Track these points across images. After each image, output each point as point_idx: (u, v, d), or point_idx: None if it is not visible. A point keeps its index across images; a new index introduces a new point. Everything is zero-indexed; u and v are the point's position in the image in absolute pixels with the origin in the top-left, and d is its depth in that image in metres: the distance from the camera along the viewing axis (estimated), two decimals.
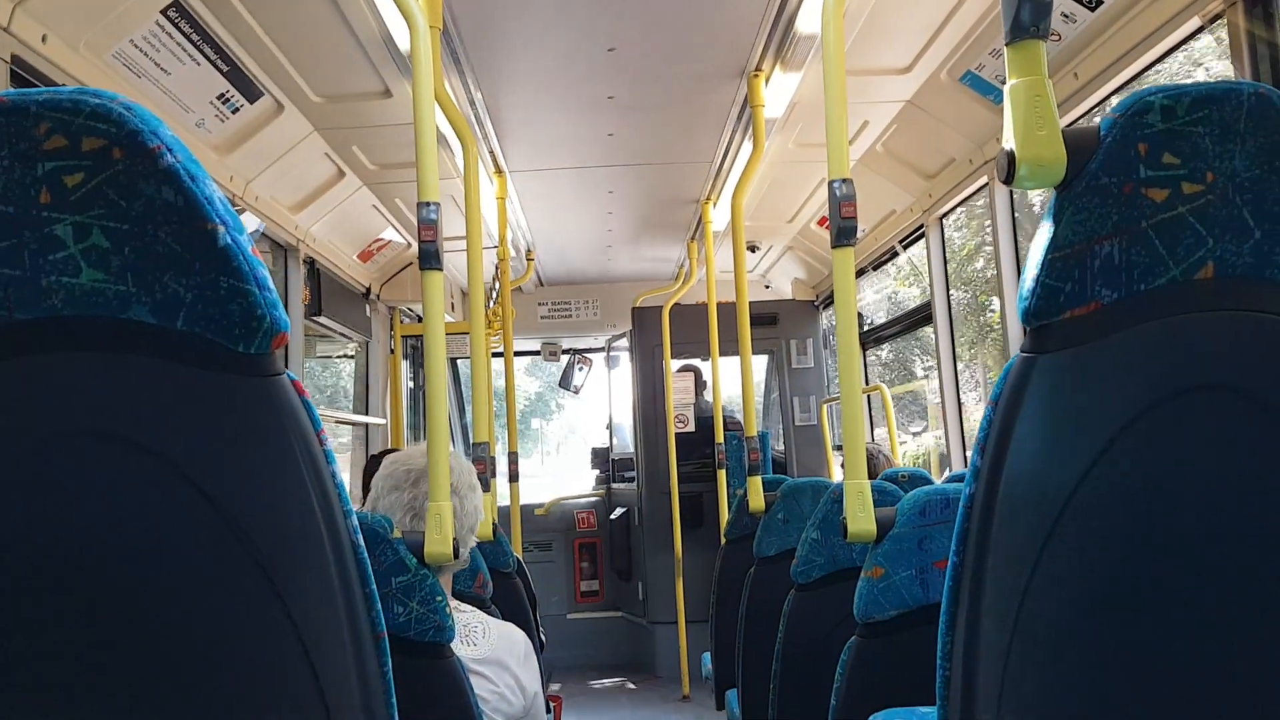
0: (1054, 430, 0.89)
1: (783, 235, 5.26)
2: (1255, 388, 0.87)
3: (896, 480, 2.78)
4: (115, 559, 0.81)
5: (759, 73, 3.08)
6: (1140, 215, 0.88)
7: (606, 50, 2.91)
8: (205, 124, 2.82)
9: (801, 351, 5.74)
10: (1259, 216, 0.88)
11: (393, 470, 1.76)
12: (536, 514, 6.10)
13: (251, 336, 0.83)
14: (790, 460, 5.66)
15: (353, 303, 4.80)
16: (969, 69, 2.97)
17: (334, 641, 0.85)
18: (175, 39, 2.43)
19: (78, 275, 0.81)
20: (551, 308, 6.38)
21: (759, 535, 2.90)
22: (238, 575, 0.82)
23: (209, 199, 0.81)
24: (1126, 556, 0.87)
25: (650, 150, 3.91)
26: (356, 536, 0.88)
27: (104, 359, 0.82)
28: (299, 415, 0.84)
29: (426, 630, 1.43)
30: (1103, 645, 0.88)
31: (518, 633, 1.79)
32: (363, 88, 3.05)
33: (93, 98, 0.80)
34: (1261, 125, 0.88)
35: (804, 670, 2.16)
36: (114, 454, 0.81)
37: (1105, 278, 0.88)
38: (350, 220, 4.22)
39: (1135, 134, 0.88)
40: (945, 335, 3.89)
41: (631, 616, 6.01)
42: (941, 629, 0.94)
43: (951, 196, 3.61)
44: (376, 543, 1.43)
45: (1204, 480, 0.88)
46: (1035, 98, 0.92)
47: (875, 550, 1.63)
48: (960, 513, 0.92)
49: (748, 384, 3.31)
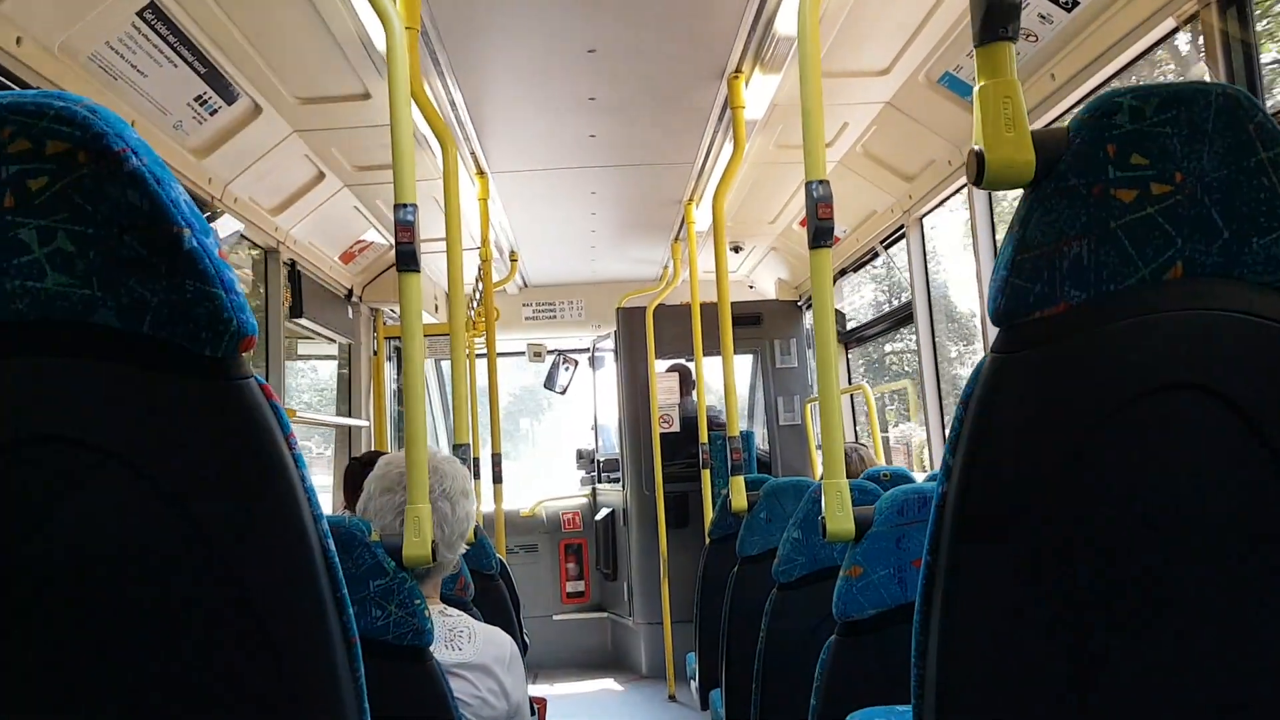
0: (1025, 429, 0.89)
1: (765, 236, 5.27)
2: (1225, 387, 0.87)
3: (878, 479, 2.78)
4: (80, 566, 0.81)
5: (739, 74, 3.09)
6: (1109, 216, 0.89)
7: (587, 51, 2.91)
8: (183, 126, 2.81)
9: (785, 351, 5.75)
10: (1227, 216, 0.89)
11: (385, 472, 1.76)
12: (522, 515, 6.09)
13: (219, 340, 0.82)
14: (775, 459, 5.67)
15: (335, 304, 4.78)
16: (947, 70, 2.98)
17: (304, 647, 0.85)
18: (152, 41, 2.41)
19: (42, 279, 0.80)
20: (536, 309, 6.38)
21: (742, 535, 2.90)
22: (204, 581, 0.82)
23: (175, 202, 0.80)
24: (1098, 554, 0.88)
25: (632, 151, 3.91)
26: (327, 541, 0.87)
27: (69, 364, 0.81)
28: (267, 419, 0.84)
29: (405, 634, 1.43)
30: (1076, 642, 0.88)
31: (504, 637, 1.78)
32: (341, 89, 3.04)
33: (57, 101, 0.79)
34: (1229, 126, 0.89)
35: (785, 669, 2.16)
36: (79, 460, 0.80)
37: (1074, 278, 0.89)
38: (331, 222, 4.21)
39: (1103, 135, 0.88)
40: (926, 335, 3.90)
41: (617, 617, 6.01)
42: (915, 627, 0.94)
43: (931, 197, 3.63)
44: (354, 546, 1.42)
45: (1175, 478, 0.88)
46: (1004, 99, 0.92)
47: (854, 549, 1.64)
48: (932, 511, 0.93)
49: (730, 384, 3.32)
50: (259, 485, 0.83)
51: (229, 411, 0.83)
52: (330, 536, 0.87)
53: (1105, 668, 0.88)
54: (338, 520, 1.41)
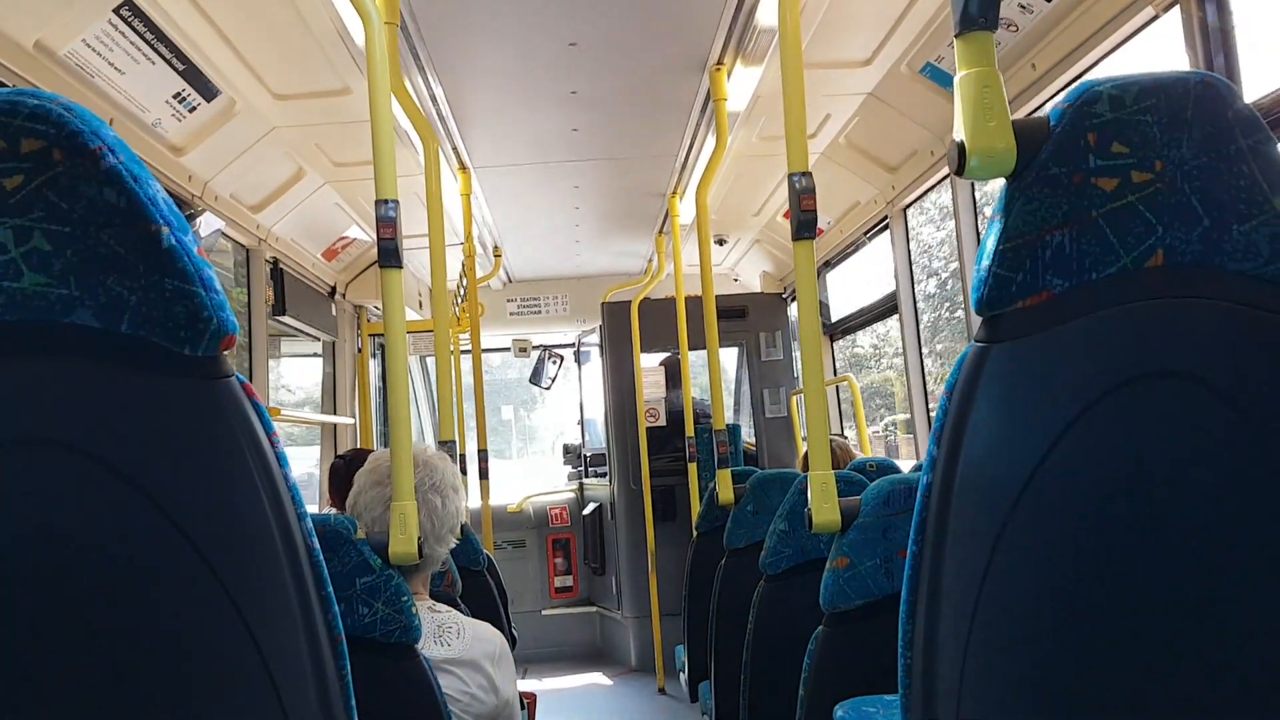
0: (1009, 419, 0.89)
1: (750, 228, 5.27)
2: (1206, 373, 0.88)
3: (865, 470, 2.79)
4: (62, 568, 0.80)
5: (720, 66, 3.08)
6: (1090, 204, 0.89)
7: (568, 45, 2.90)
8: (161, 124, 2.79)
9: (771, 344, 5.76)
10: (1207, 204, 0.89)
11: (375, 466, 1.77)
12: (509, 511, 6.09)
13: (198, 339, 0.82)
14: (761, 452, 5.68)
15: (318, 302, 4.76)
16: (929, 61, 2.98)
17: (290, 645, 0.84)
18: (129, 38, 2.39)
19: (19, 279, 0.80)
20: (521, 304, 6.37)
21: (729, 527, 2.91)
22: (189, 581, 0.81)
23: (152, 200, 0.80)
24: (1082, 543, 0.88)
25: (615, 145, 3.90)
26: (312, 539, 0.87)
27: (47, 364, 0.80)
28: (249, 418, 0.83)
29: (392, 631, 1.42)
30: (1061, 631, 0.89)
31: (493, 632, 1.78)
32: (321, 85, 3.02)
33: (31, 99, 0.78)
34: (1208, 113, 0.89)
35: (773, 660, 2.16)
36: (59, 461, 0.79)
37: (1056, 267, 0.89)
38: (313, 219, 4.19)
39: (1084, 124, 0.88)
40: (910, 326, 3.91)
41: (606, 611, 6.02)
42: (902, 617, 0.94)
43: (914, 188, 3.63)
44: (340, 544, 1.42)
45: (1158, 466, 0.88)
46: (985, 89, 0.92)
47: (840, 540, 1.64)
48: (918, 502, 0.93)
49: (715, 377, 3.32)
50: (240, 484, 0.82)
51: (210, 411, 0.82)
52: (314, 535, 0.87)
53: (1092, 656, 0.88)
54: (323, 519, 1.41)
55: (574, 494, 6.33)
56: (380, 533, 1.51)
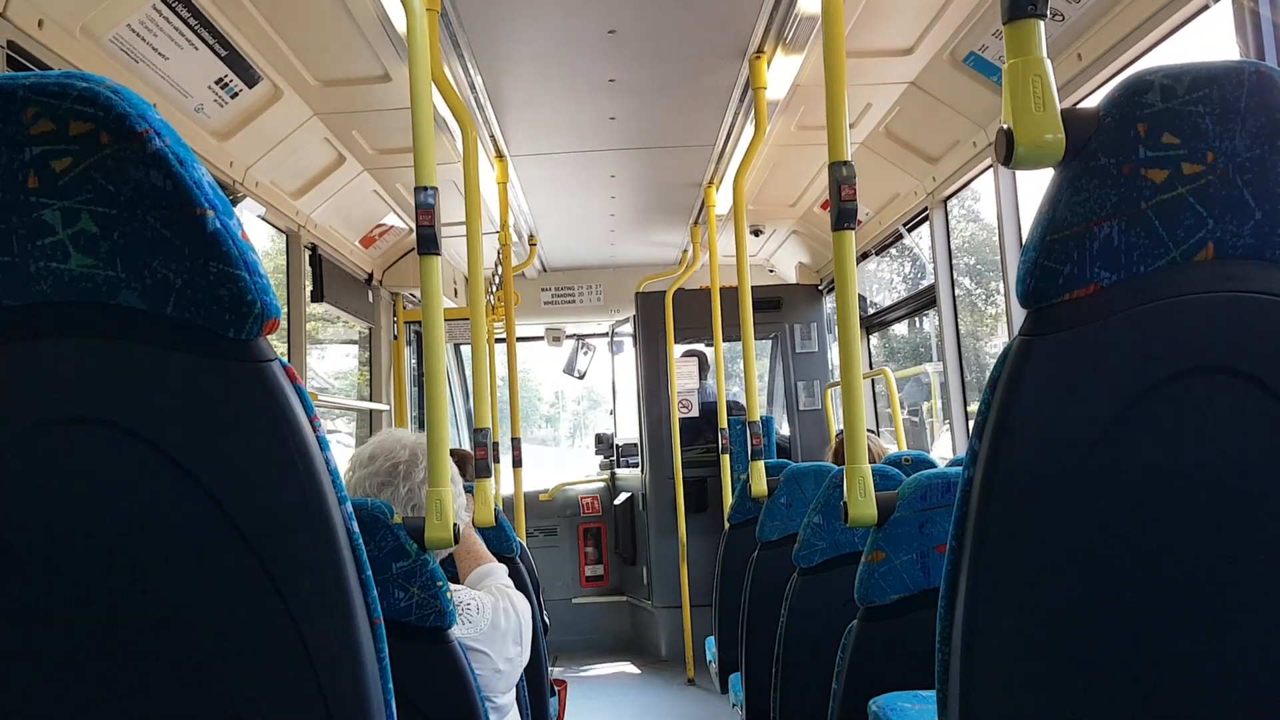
0: (1053, 413, 0.88)
1: (786, 219, 5.23)
2: (1255, 369, 0.86)
3: (900, 464, 2.77)
4: (106, 546, 0.81)
5: (760, 54, 3.06)
6: (1140, 196, 0.87)
7: (607, 32, 2.89)
8: (204, 109, 2.81)
9: (805, 336, 5.73)
10: (1260, 197, 0.87)
11: (361, 449, 1.83)
12: (541, 499, 6.11)
13: (242, 322, 0.82)
14: (795, 445, 5.65)
15: (355, 289, 4.79)
16: (972, 50, 2.94)
17: (329, 627, 0.85)
18: (173, 24, 2.41)
19: (66, 261, 0.81)
20: (555, 293, 6.37)
21: (762, 520, 2.90)
22: (230, 561, 0.82)
23: (198, 183, 0.80)
24: (1125, 539, 0.87)
25: (652, 133, 3.89)
26: (351, 523, 0.87)
27: (93, 345, 0.81)
28: (290, 401, 0.84)
29: (427, 615, 1.43)
30: (1101, 628, 0.87)
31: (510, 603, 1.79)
32: (361, 72, 3.03)
33: (80, 81, 0.79)
34: (1262, 104, 0.87)
35: (806, 654, 2.16)
36: (104, 440, 0.81)
37: (1104, 259, 0.87)
38: (351, 205, 4.21)
39: (1134, 114, 0.86)
40: (949, 319, 3.87)
41: (636, 601, 6.03)
42: (940, 612, 0.94)
43: (955, 179, 3.59)
44: (376, 528, 1.43)
45: (1204, 462, 0.87)
46: (1034, 77, 0.90)
47: (876, 534, 1.63)
48: (958, 496, 0.92)
49: (750, 369, 3.31)
50: (283, 467, 0.83)
51: (254, 394, 0.83)
52: (354, 518, 0.88)
53: (1132, 655, 0.87)
54: (360, 503, 1.42)
55: (605, 483, 6.34)
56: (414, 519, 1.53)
